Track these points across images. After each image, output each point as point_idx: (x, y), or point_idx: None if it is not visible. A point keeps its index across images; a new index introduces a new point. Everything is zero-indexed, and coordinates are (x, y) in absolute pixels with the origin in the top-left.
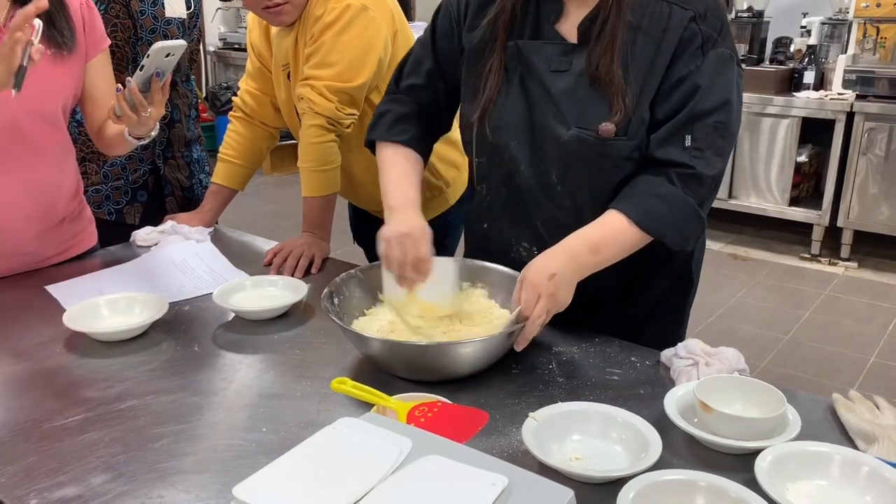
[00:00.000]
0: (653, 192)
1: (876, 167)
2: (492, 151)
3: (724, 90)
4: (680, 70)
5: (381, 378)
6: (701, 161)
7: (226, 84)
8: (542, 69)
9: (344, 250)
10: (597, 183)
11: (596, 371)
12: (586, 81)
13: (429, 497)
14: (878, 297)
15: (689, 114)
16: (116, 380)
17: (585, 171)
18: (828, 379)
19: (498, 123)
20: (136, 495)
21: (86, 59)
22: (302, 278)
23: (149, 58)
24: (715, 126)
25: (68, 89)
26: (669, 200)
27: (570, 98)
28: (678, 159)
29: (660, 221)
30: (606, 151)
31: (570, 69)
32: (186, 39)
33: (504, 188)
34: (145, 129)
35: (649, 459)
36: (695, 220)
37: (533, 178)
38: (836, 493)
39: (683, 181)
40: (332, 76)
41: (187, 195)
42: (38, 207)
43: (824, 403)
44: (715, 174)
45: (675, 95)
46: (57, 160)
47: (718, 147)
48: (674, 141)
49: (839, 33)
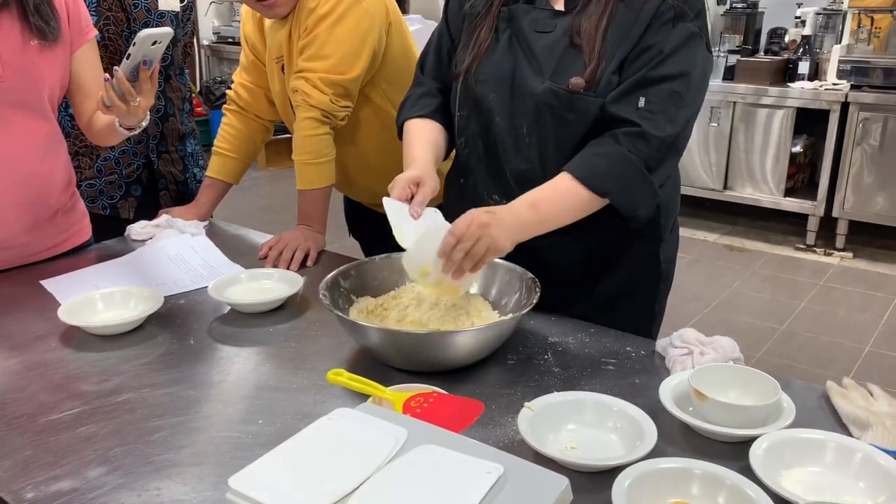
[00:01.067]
0: (598, 151)
1: (871, 157)
2: (472, 104)
3: (684, 62)
4: (648, 38)
5: (377, 370)
6: (649, 122)
7: (220, 78)
8: (528, 30)
9: (340, 244)
10: (561, 136)
11: (591, 361)
12: (567, 40)
13: (425, 486)
14: (873, 286)
15: (645, 76)
16: (112, 373)
17: (553, 123)
18: (823, 369)
19: (481, 77)
20: (133, 488)
21: (71, 49)
22: (297, 271)
23: (135, 46)
24: (670, 93)
25: (54, 79)
26: (614, 158)
27: (549, 54)
28: (627, 116)
29: (603, 179)
30: (574, 105)
31: (553, 30)
32: (180, 32)
33: (481, 140)
34: (135, 119)
35: (644, 448)
36: (641, 180)
37: (506, 130)
38: (831, 480)
39: (629, 139)
40: (326, 68)
41: (181, 189)
42: (27, 198)
43: (818, 391)
44: (662, 137)
45: (638, 60)
46: (46, 151)
47: (670, 114)
48: (627, 99)
49: (834, 23)
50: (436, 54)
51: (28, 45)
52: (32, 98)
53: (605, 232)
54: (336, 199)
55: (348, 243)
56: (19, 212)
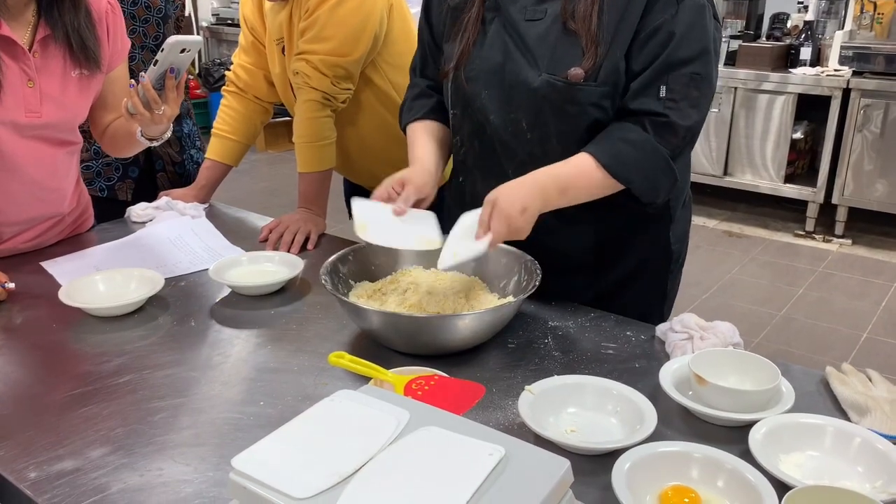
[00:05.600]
0: (624, 137)
1: (871, 144)
2: (464, 103)
3: (701, 39)
4: (654, 19)
5: (378, 352)
6: (675, 111)
7: (219, 60)
8: (517, 18)
9: (340, 227)
10: (564, 129)
11: (591, 345)
12: (559, 27)
13: (427, 467)
14: (872, 273)
15: (663, 63)
16: (113, 354)
17: (554, 116)
18: (821, 355)
19: (471, 73)
20: (135, 468)
21: (107, 70)
22: (298, 254)
23: (163, 52)
24: (691, 77)
25: (89, 106)
26: (640, 147)
27: (543, 44)
28: (651, 108)
29: (628, 167)
30: (574, 96)
31: (544, 17)
32: (170, 8)
33: (476, 140)
34: (158, 128)
35: (644, 431)
36: (665, 170)
37: (503, 127)
38: (829, 464)
39: (656, 129)
40: (327, 51)
41: (179, 171)
42: (43, 212)
43: (817, 376)
44: (690, 125)
45: (650, 45)
46: (66, 167)
47: (693, 98)
48: (648, 92)
49: (836, 9)
50: (420, 52)
51: (69, 77)
52: (65, 130)
53: (616, 217)
54: (336, 182)
55: (348, 227)
56: (33, 223)
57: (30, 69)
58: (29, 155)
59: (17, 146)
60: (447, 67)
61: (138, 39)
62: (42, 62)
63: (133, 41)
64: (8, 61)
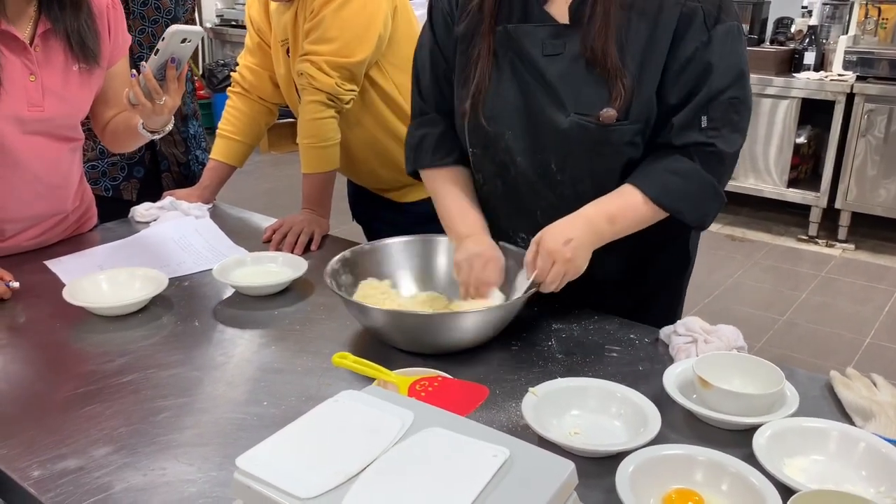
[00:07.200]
0: (671, 167)
1: (875, 149)
2: (486, 143)
3: (736, 63)
4: (686, 49)
5: (381, 353)
6: (719, 139)
7: (223, 61)
8: (534, 54)
9: (343, 228)
10: (599, 169)
11: (595, 348)
12: (582, 65)
13: (431, 468)
14: (875, 278)
15: (704, 96)
16: (117, 354)
17: (586, 157)
18: (824, 360)
19: (491, 112)
20: (138, 467)
21: (108, 66)
22: (302, 255)
23: (164, 41)
24: (730, 101)
25: (90, 101)
26: (688, 177)
27: (567, 83)
28: (696, 140)
29: (677, 198)
30: (608, 138)
31: (563, 52)
32: (180, 10)
33: (499, 180)
34: (159, 119)
35: (648, 434)
36: (713, 196)
37: (530, 168)
38: (833, 468)
39: (703, 159)
40: (332, 52)
41: (184, 171)
42: (46, 209)
43: (821, 381)
44: (734, 151)
45: (685, 77)
46: (69, 163)
47: (734, 123)
48: (690, 124)
49: (840, 14)
50: (434, 82)
51: (70, 71)
52: (68, 125)
53: (651, 234)
54: (340, 184)
55: (352, 228)
56: (36, 220)
57: (31, 63)
58: (32, 151)
59: (20, 142)
60: (462, 107)
61: (147, 39)
62: (43, 56)
63: (142, 41)
64: (9, 56)
